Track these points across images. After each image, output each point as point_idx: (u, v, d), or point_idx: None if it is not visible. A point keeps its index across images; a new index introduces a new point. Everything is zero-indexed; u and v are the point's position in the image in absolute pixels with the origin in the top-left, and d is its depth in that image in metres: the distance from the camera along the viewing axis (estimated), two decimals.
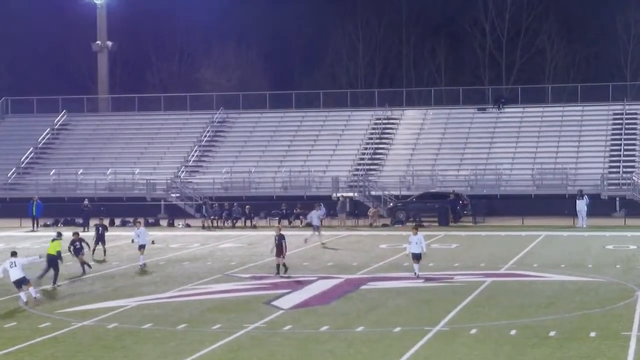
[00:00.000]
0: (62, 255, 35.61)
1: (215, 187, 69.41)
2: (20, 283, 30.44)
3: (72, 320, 27.53)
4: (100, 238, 43.65)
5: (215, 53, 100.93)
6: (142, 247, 40.19)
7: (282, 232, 36.97)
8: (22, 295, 30.50)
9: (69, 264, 39.30)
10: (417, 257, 35.04)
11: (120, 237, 53.93)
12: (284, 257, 36.51)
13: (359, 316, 27.75)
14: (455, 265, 39.08)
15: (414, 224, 47.64)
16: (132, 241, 41.07)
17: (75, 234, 38.18)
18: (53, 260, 34.79)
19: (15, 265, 30.49)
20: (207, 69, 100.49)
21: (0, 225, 59.31)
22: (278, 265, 36.51)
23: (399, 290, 32.76)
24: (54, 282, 34.65)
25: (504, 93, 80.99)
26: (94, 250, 42.84)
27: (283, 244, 36.37)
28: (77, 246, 37.68)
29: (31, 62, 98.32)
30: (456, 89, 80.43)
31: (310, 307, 29.73)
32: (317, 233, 47.96)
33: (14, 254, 31.39)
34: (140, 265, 39.78)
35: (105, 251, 43.84)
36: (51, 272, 34.83)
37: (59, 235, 36.15)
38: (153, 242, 41.49)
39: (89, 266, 38.21)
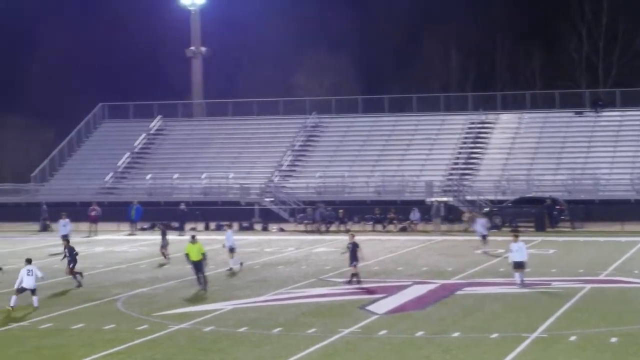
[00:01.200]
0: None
1: (309, 191, 69.53)
2: (27, 290, 30.51)
3: (169, 323, 27.79)
4: (165, 242, 43.88)
5: (307, 58, 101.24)
6: (231, 250, 40.56)
7: (356, 240, 35.97)
8: (15, 299, 30.25)
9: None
10: (519, 265, 34.23)
11: (215, 241, 54.36)
12: (355, 267, 35.47)
13: (455, 322, 27.47)
14: (552, 271, 38.45)
15: (511, 229, 46.77)
16: (223, 246, 41.43)
17: (66, 240, 36.81)
18: (198, 265, 34.66)
19: (32, 274, 30.62)
20: (299, 74, 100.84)
21: (99, 229, 60.26)
22: (353, 274, 35.45)
23: (495, 296, 32.34)
24: (204, 285, 34.50)
25: (601, 96, 79.47)
26: (163, 254, 43.25)
27: (357, 252, 35.56)
28: (68, 258, 36.29)
29: (127, 68, 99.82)
30: (552, 92, 79.18)
31: (405, 312, 29.54)
32: (484, 241, 46.43)
33: (29, 261, 31.21)
34: (230, 268, 40.00)
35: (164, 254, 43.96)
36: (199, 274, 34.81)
37: (194, 238, 35.84)
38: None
39: (81, 276, 36.57)
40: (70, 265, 36.20)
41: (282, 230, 61.36)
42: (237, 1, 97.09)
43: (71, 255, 36.39)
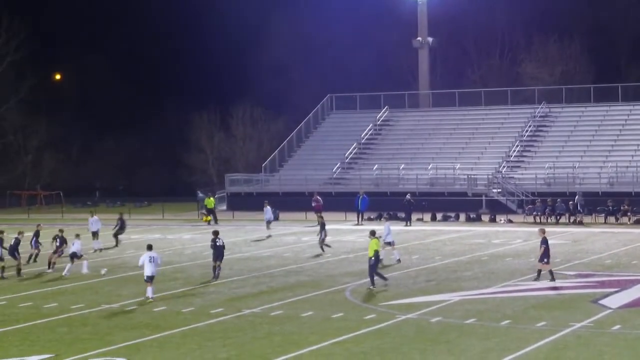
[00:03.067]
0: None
1: (538, 182, 68.13)
2: (151, 279, 31.10)
3: (397, 313, 27.82)
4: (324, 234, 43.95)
5: (536, 47, 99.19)
6: (388, 244, 40.30)
7: (546, 236, 34.10)
8: (150, 290, 30.97)
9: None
10: None
11: (442, 232, 54.23)
12: (548, 263, 33.77)
13: None
14: None
15: None
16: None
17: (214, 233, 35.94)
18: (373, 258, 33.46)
19: (153, 262, 31.14)
20: (528, 63, 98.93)
21: (327, 219, 61.10)
22: (540, 271, 33.93)
23: None
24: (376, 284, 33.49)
25: None
26: (321, 247, 43.67)
27: (546, 248, 33.68)
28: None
29: (354, 59, 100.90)
30: None
31: None
32: None
33: (150, 247, 32.13)
34: (397, 260, 39.72)
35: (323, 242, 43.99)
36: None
37: (373, 233, 34.15)
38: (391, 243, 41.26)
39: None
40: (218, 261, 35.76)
41: (510, 221, 60.40)
42: None
43: (216, 249, 35.73)
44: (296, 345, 23.88)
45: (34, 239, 41.91)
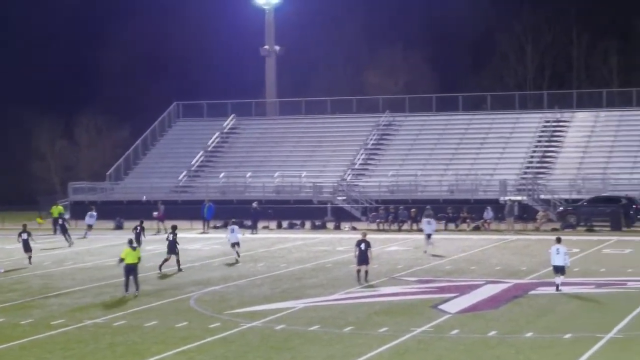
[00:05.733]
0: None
1: (382, 190, 69.36)
2: None
3: (241, 321, 27.86)
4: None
5: (381, 56, 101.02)
6: (234, 245, 42.54)
7: (368, 239, 35.80)
8: None
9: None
10: (559, 270, 32.66)
11: (288, 239, 54.54)
12: (365, 264, 35.13)
13: (528, 322, 27.15)
14: (628, 271, 37.78)
15: (586, 229, 45.76)
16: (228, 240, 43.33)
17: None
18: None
19: None
20: (372, 72, 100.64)
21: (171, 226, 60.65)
22: (359, 271, 35.28)
23: (569, 295, 31.85)
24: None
25: None
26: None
27: (369, 251, 35.02)
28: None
29: (201, 67, 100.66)
30: (629, 90, 77.82)
31: (478, 311, 29.27)
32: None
33: None
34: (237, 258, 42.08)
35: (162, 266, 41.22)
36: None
37: (130, 242, 34.45)
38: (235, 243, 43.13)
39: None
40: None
41: (354, 228, 61.22)
42: (311, 0, 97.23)
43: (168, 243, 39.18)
44: (139, 356, 23.64)
45: None
